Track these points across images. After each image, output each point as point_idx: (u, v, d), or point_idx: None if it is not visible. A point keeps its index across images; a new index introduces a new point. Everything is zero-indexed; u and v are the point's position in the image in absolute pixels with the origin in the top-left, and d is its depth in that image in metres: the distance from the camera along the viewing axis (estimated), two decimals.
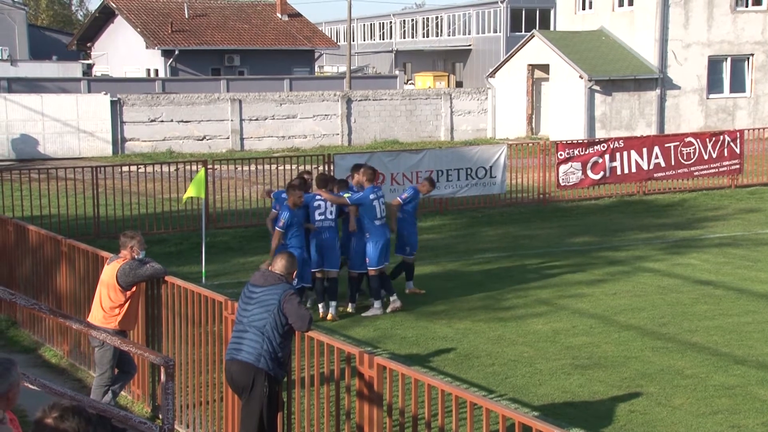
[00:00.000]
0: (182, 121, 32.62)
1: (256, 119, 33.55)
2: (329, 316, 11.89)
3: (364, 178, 12.32)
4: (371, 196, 12.03)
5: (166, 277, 8.58)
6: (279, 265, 7.34)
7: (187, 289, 8.30)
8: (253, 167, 21.77)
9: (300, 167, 21.95)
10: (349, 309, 12.23)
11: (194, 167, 19.60)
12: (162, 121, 32.37)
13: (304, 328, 7.09)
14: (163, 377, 5.06)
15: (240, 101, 33.34)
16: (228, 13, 47.32)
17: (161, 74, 42.46)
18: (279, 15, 48.24)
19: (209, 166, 18.07)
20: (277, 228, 11.47)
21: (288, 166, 21.86)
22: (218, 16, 46.69)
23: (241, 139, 33.34)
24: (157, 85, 37.81)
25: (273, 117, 33.78)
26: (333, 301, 11.97)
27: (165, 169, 20.58)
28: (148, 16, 44.82)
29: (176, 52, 42.86)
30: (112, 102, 31.63)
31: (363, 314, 12.05)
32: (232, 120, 33.19)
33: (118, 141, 31.81)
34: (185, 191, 14.40)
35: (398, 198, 13.02)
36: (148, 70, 44.08)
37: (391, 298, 12.19)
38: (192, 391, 8.39)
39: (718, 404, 8.91)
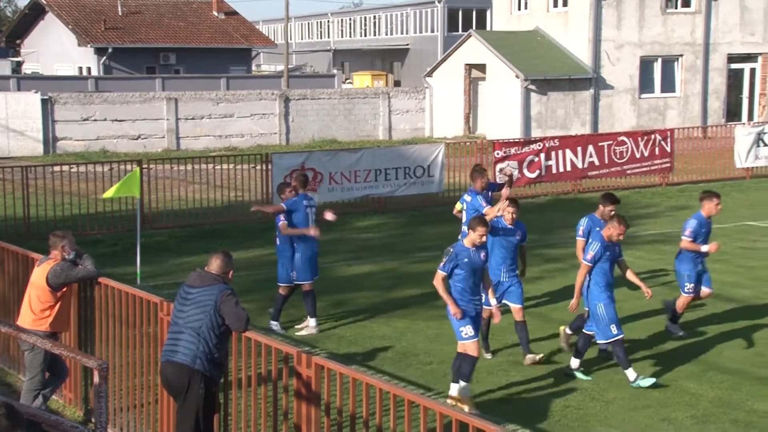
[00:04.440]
0: (116, 120, 32.07)
1: (193, 118, 33.16)
2: None
3: (296, 183, 11.45)
4: (304, 203, 11.29)
5: (99, 278, 8.44)
6: (215, 265, 7.25)
7: (122, 291, 8.17)
8: (189, 167, 21.53)
9: (237, 167, 21.82)
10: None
11: (129, 167, 19.29)
12: (95, 120, 31.78)
13: (241, 329, 7.03)
14: (96, 380, 4.97)
15: (176, 100, 32.91)
16: (163, 10, 46.67)
17: (94, 72, 41.68)
18: (215, 13, 47.76)
19: (144, 166, 17.83)
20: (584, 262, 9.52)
21: (225, 166, 21.65)
22: (153, 13, 46.01)
23: (177, 138, 32.92)
24: (90, 84, 37.08)
25: (210, 116, 33.43)
26: None
27: (99, 168, 20.22)
28: (80, 13, 43.96)
29: (110, 50, 42.12)
30: (42, 100, 30.94)
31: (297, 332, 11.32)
32: (167, 119, 32.74)
33: (50, 140, 31.13)
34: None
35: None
36: (81, 68, 43.23)
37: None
38: (126, 394, 8.26)
39: (650, 398, 9.11)
